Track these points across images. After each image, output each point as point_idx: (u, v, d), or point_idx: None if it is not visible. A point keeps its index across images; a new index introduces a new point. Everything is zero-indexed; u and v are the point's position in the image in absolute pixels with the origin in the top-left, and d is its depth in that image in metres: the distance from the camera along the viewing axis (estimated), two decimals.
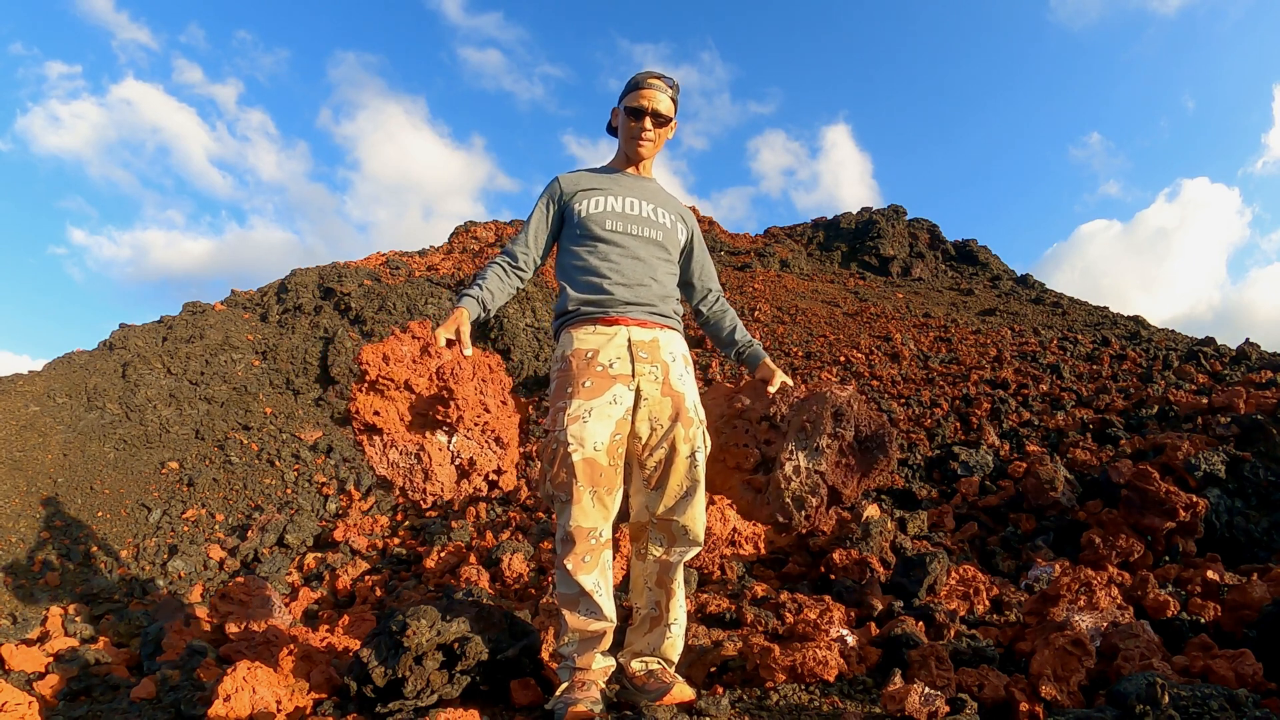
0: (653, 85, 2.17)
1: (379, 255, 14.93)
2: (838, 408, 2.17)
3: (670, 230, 2.23)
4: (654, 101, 2.17)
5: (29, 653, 3.29)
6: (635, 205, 2.20)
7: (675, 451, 1.99)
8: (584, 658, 2.03)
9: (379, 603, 4.58)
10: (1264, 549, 3.72)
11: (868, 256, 18.30)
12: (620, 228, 2.14)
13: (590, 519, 1.90)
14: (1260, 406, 4.86)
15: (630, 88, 2.21)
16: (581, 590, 1.94)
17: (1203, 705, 1.60)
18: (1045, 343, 9.27)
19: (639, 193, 2.23)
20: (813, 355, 9.48)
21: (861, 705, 2.11)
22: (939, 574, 3.21)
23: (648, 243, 2.17)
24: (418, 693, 2.05)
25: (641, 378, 2.00)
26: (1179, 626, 2.63)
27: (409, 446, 2.00)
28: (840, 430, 2.15)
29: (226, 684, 2.10)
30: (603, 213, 2.15)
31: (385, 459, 1.97)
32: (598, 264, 2.10)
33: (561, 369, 2.02)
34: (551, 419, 1.98)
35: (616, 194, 2.20)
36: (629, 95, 2.21)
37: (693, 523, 2.01)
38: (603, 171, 2.30)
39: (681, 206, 2.35)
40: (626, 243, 2.13)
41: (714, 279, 2.42)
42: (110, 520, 6.50)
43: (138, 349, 9.13)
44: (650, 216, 2.20)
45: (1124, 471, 4.17)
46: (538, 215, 2.24)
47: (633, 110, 2.18)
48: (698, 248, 2.36)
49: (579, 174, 2.27)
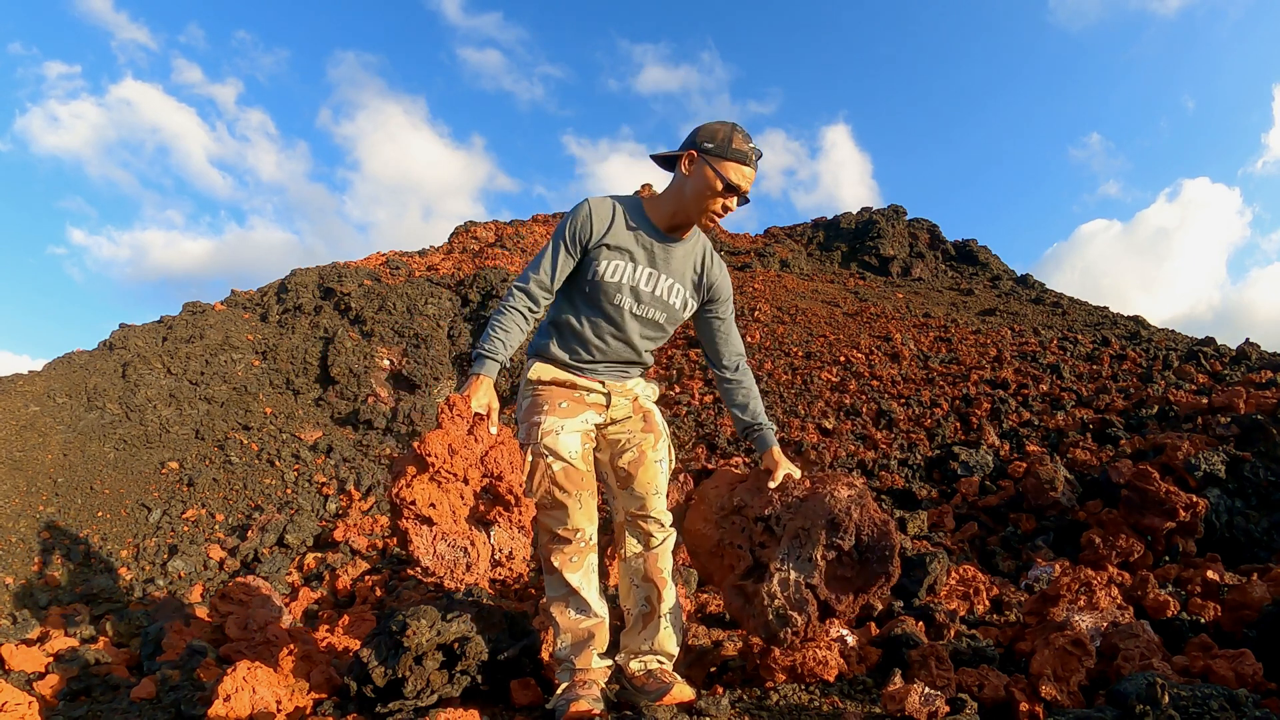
0: (756, 165, 1.96)
1: (379, 255, 14.92)
2: (834, 517, 1.98)
3: (676, 312, 2.12)
4: (751, 183, 1.97)
5: (29, 653, 3.29)
6: (653, 281, 2.04)
7: (644, 455, 2.13)
8: (581, 658, 2.05)
9: (379, 603, 4.58)
10: (1264, 549, 3.73)
11: (868, 256, 18.29)
12: (628, 305, 2.04)
13: (577, 520, 2.01)
14: (1260, 406, 4.86)
15: (734, 153, 1.93)
16: (570, 588, 2.03)
17: (1203, 705, 1.60)
18: (1045, 343, 9.28)
19: (665, 265, 2.06)
20: (813, 355, 9.49)
21: (861, 705, 2.11)
22: (939, 574, 3.21)
23: (647, 323, 2.09)
24: (418, 693, 2.05)
25: (614, 408, 2.16)
26: (1179, 626, 2.63)
27: (458, 539, 1.91)
28: (837, 540, 1.96)
29: (226, 684, 2.10)
30: (616, 283, 2.01)
31: (433, 550, 1.88)
32: (589, 336, 2.07)
33: (536, 391, 2.10)
34: (526, 434, 2.07)
35: (639, 264, 2.03)
36: (730, 165, 1.93)
37: (663, 514, 2.17)
38: (639, 222, 2.05)
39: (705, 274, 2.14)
40: (625, 322, 2.06)
41: (735, 347, 2.25)
42: (110, 520, 6.50)
43: (138, 349, 9.13)
44: (662, 296, 2.07)
45: (1124, 471, 4.17)
46: (562, 256, 2.02)
47: (731, 187, 1.94)
48: (720, 315, 2.20)
49: (612, 215, 2.03)
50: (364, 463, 7.98)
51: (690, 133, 2.02)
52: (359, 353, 9.83)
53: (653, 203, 2.07)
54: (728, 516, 2.26)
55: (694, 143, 1.97)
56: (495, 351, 1.96)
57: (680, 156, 1.98)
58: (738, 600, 2.08)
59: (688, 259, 2.10)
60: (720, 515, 2.28)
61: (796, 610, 1.93)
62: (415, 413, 9.10)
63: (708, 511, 2.34)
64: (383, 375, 9.83)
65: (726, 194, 1.95)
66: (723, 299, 2.19)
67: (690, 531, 2.36)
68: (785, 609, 1.94)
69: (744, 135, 1.95)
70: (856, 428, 6.68)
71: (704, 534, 2.30)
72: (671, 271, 2.07)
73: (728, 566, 2.19)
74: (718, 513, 2.30)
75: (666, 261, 2.06)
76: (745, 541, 2.17)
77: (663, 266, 2.06)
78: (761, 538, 2.13)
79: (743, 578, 2.11)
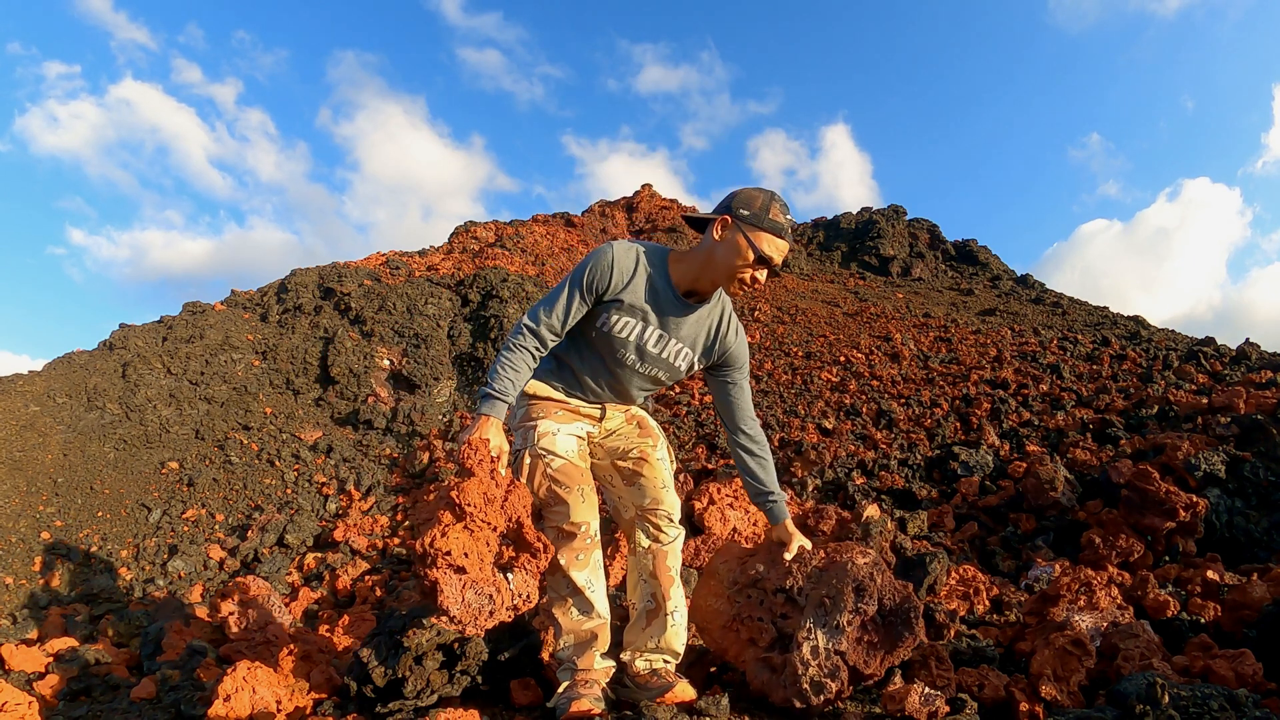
0: (791, 238, 1.92)
1: (379, 255, 14.93)
2: (859, 581, 2.02)
3: (679, 372, 2.11)
4: (783, 255, 1.92)
5: (29, 653, 3.29)
6: (662, 343, 2.02)
7: (647, 454, 2.17)
8: (584, 659, 2.04)
9: (379, 603, 4.58)
10: (1264, 549, 3.73)
11: (868, 256, 18.30)
12: (631, 361, 2.03)
13: (581, 514, 1.99)
14: (1260, 406, 4.86)
15: (770, 224, 1.86)
16: (575, 588, 2.00)
17: (1203, 705, 1.60)
18: (1045, 343, 9.28)
19: (676, 329, 2.02)
20: (813, 355, 9.49)
21: (861, 705, 2.11)
22: (939, 574, 3.21)
23: (646, 379, 2.10)
24: (418, 693, 2.05)
25: (607, 419, 2.20)
26: (1179, 626, 2.63)
27: (484, 587, 1.89)
28: (862, 605, 2.00)
29: (226, 684, 2.10)
30: (624, 339, 2.00)
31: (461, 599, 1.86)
32: (587, 380, 2.11)
33: (531, 403, 2.13)
34: (523, 437, 2.08)
35: (650, 324, 2.00)
36: (765, 236, 1.86)
37: (674, 508, 2.18)
38: (659, 281, 1.98)
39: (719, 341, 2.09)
40: (625, 376, 2.07)
41: (744, 414, 2.16)
42: (110, 520, 6.50)
43: (138, 349, 9.14)
44: (668, 359, 2.05)
45: (1124, 471, 4.17)
46: (576, 302, 1.97)
47: (763, 259, 1.87)
48: (733, 381, 2.13)
49: (634, 270, 1.97)
50: (364, 463, 7.98)
51: (727, 196, 1.95)
52: (359, 353, 9.83)
53: (679, 261, 2.00)
54: (742, 590, 2.27)
55: (729, 208, 1.89)
56: (505, 392, 1.94)
57: (714, 220, 1.91)
58: (764, 673, 2.08)
59: (702, 323, 2.05)
60: (734, 589, 2.29)
61: (830, 677, 1.95)
62: (415, 413, 9.10)
63: (718, 586, 2.34)
64: (383, 375, 9.83)
65: (758, 265, 1.88)
66: (737, 365, 2.13)
67: (700, 608, 2.35)
68: (820, 676, 1.96)
69: (782, 205, 1.89)
70: (856, 428, 6.68)
71: (716, 609, 2.30)
72: (682, 336, 2.03)
73: (746, 640, 2.19)
74: (730, 587, 2.30)
75: (679, 325, 2.01)
76: (766, 614, 2.17)
77: (673, 329, 2.01)
78: (784, 609, 2.15)
79: (768, 650, 2.12)
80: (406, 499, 7.10)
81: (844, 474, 5.59)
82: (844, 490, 5.35)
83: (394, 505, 7.02)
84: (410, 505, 6.89)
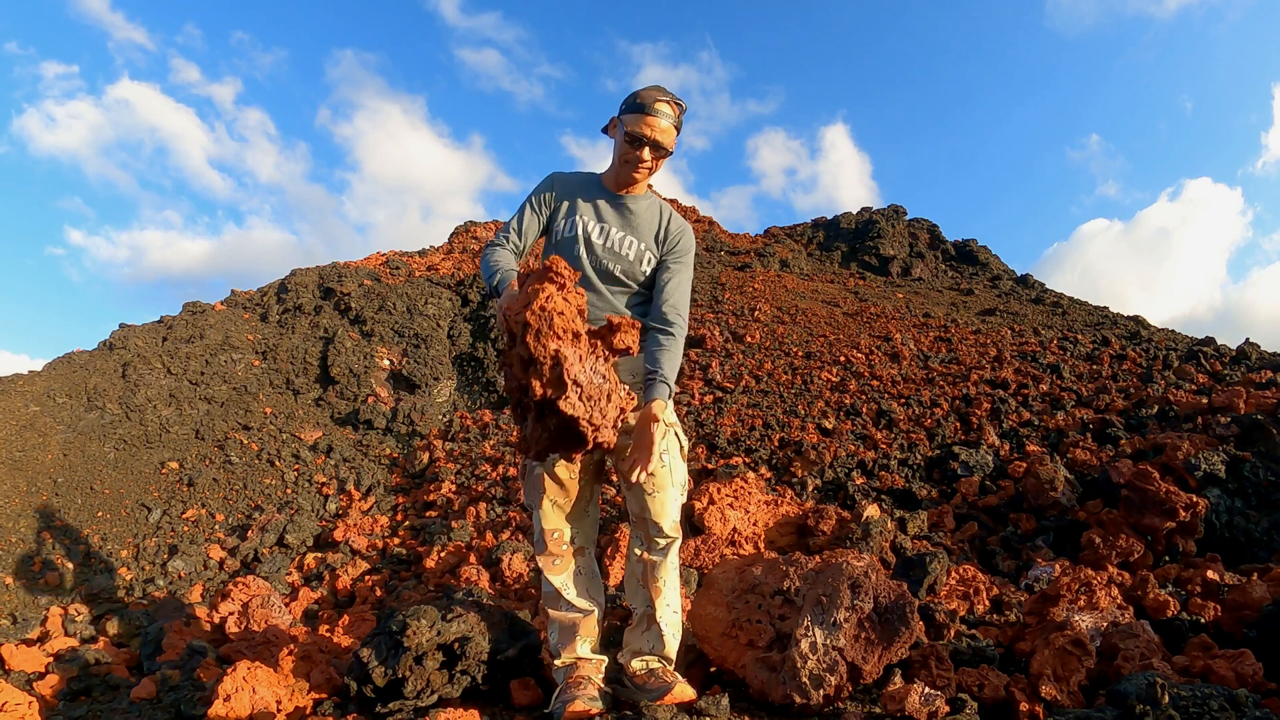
0: (658, 112, 2.03)
1: (379, 255, 14.92)
2: (855, 579, 2.11)
3: (633, 264, 2.17)
4: (655, 131, 2.04)
5: (29, 653, 3.29)
6: (605, 234, 2.17)
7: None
8: (568, 650, 2.12)
9: (379, 603, 4.58)
10: (1264, 549, 3.73)
11: (868, 256, 18.29)
12: (581, 254, 2.15)
13: (550, 521, 2.08)
14: (1260, 406, 4.86)
15: (634, 107, 2.05)
16: (555, 591, 2.12)
17: (1203, 705, 1.61)
18: (1045, 343, 9.28)
19: (619, 222, 2.19)
20: (813, 355, 9.49)
21: (861, 705, 2.11)
22: (939, 574, 3.21)
23: (608, 276, 2.17)
24: (418, 693, 2.05)
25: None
26: (1179, 626, 2.63)
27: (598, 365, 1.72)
28: (858, 603, 2.07)
29: (226, 684, 2.10)
30: (573, 238, 2.16)
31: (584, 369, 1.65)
32: None
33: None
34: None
35: (593, 221, 2.18)
36: (631, 117, 2.05)
37: (661, 518, 2.06)
38: (594, 187, 2.23)
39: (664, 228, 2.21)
40: (586, 273, 2.15)
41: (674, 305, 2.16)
42: (110, 520, 6.50)
43: (138, 349, 9.13)
44: (613, 248, 2.16)
45: (1124, 471, 4.17)
46: (528, 216, 2.22)
47: (633, 138, 2.05)
48: (668, 266, 2.20)
49: (573, 182, 2.24)
50: (364, 463, 7.98)
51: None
52: (359, 353, 9.83)
53: (606, 169, 2.27)
54: (741, 596, 2.33)
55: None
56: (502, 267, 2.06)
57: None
58: (763, 673, 2.11)
59: (650, 218, 2.22)
60: (732, 596, 2.35)
61: (828, 671, 1.99)
62: (415, 413, 9.10)
63: (717, 595, 2.38)
64: (383, 375, 9.83)
65: (637, 145, 2.05)
66: (679, 252, 2.23)
67: (700, 617, 2.39)
68: (818, 669, 2.00)
69: (655, 90, 2.07)
70: (856, 428, 6.68)
71: (715, 617, 2.34)
72: (628, 228, 2.19)
73: (744, 644, 2.23)
74: (729, 595, 2.36)
75: (623, 220, 2.20)
76: (765, 616, 2.24)
77: (615, 222, 2.19)
78: (781, 610, 2.22)
79: (766, 650, 2.15)
80: (406, 499, 7.11)
81: (844, 474, 5.59)
82: (844, 490, 5.35)
83: (394, 505, 7.02)
84: (410, 505, 6.90)
